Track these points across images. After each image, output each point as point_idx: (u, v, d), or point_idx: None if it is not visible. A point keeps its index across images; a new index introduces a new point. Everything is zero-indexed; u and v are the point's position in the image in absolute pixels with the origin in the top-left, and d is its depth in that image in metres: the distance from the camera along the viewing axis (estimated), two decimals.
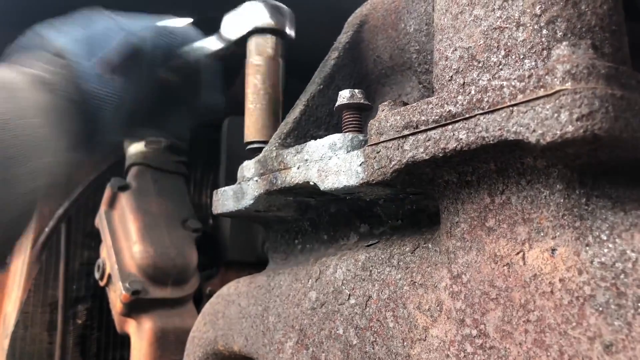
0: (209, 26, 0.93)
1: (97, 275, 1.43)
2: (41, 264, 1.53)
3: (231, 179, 0.85)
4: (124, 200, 1.43)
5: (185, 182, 1.56)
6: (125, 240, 1.38)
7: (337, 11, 0.93)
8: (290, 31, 0.88)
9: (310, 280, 0.71)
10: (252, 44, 0.87)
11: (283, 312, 0.72)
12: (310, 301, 0.69)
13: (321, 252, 0.76)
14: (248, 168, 0.77)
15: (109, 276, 1.38)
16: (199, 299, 1.46)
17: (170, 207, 1.46)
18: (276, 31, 0.87)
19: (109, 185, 1.44)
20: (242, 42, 0.89)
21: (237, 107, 0.93)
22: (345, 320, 0.64)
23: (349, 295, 0.64)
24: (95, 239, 1.53)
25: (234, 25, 0.89)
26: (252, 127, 0.85)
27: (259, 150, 0.82)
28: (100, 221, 1.45)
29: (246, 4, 0.88)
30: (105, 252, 1.41)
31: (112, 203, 1.45)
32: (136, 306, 1.32)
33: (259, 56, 0.86)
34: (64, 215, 1.54)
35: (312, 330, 0.68)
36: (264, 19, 0.86)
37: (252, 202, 0.75)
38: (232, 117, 1.48)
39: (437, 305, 0.55)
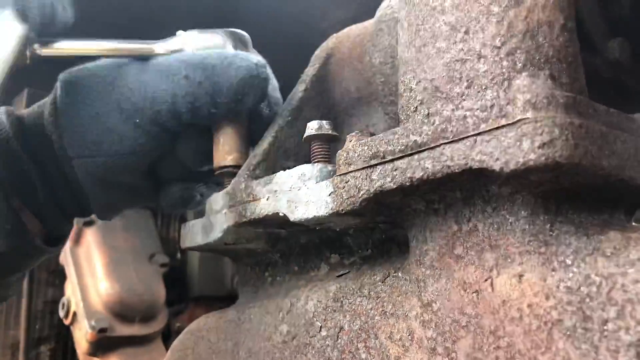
0: None
1: (61, 313, 1.39)
2: (2, 304, 1.49)
3: (199, 212, 0.83)
4: (90, 236, 1.40)
5: (153, 215, 1.54)
6: (91, 277, 1.35)
7: (305, 45, 0.94)
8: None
9: (281, 313, 0.70)
10: None
11: (254, 346, 0.71)
12: (282, 334, 0.68)
13: (292, 284, 0.75)
14: (216, 200, 0.77)
15: (74, 314, 1.35)
16: (168, 336, 1.43)
17: (137, 242, 1.43)
18: None
19: (75, 221, 1.41)
20: None
21: None
22: (317, 353, 0.63)
23: (321, 327, 0.64)
24: (60, 276, 1.49)
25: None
26: (221, 151, 0.84)
27: (230, 175, 0.80)
28: (65, 258, 1.42)
29: (207, 33, 0.86)
30: (70, 290, 1.38)
31: (77, 239, 1.42)
32: (103, 345, 1.28)
33: None
34: None
35: None
36: (227, 47, 0.85)
37: (221, 234, 0.74)
38: None
39: (409, 335, 0.55)
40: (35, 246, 0.77)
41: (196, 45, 0.81)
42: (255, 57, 0.80)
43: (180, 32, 0.83)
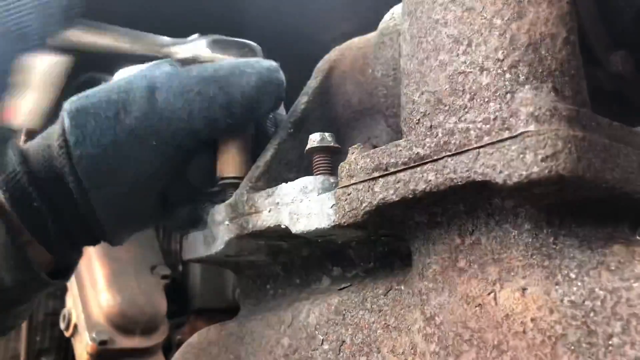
0: None
1: (62, 325, 1.39)
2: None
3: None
4: (91, 247, 1.39)
5: (155, 227, 1.54)
6: (92, 288, 1.35)
7: (307, 57, 0.94)
8: None
9: (282, 326, 0.69)
10: None
11: None
12: (283, 348, 0.68)
13: (294, 296, 0.75)
14: (218, 212, 0.77)
15: (75, 326, 1.34)
16: (169, 348, 1.42)
17: (138, 254, 1.43)
18: None
19: None
20: None
21: None
22: None
23: (322, 340, 0.64)
24: (61, 287, 1.48)
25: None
26: (225, 162, 0.83)
27: (233, 186, 0.80)
28: None
29: (220, 41, 0.86)
30: (72, 301, 1.37)
31: None
32: (103, 357, 1.28)
33: None
34: None
35: None
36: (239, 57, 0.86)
37: (222, 247, 0.74)
38: None
39: (411, 349, 0.55)
40: (40, 280, 0.76)
41: (209, 54, 0.81)
42: (267, 62, 0.80)
43: (194, 36, 0.83)
